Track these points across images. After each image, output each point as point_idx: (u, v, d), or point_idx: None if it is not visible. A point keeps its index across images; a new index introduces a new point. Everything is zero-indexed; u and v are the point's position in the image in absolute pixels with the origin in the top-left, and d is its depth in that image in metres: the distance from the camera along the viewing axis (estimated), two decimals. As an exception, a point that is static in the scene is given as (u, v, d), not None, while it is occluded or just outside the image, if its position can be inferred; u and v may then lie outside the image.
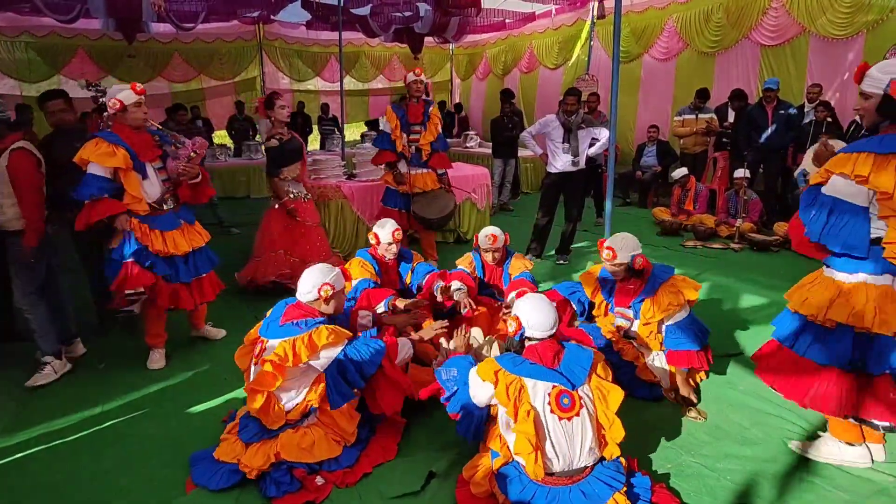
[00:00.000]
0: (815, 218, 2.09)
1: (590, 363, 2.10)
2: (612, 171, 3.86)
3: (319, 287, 2.38)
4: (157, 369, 3.31)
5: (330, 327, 2.32)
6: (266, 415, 2.30)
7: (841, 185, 2.02)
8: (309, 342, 2.24)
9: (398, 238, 3.43)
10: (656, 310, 2.72)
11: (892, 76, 1.95)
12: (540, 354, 2.08)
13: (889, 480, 2.21)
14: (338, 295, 2.47)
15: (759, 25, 7.39)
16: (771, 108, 6.10)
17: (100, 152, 2.91)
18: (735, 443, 2.49)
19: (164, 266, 3.14)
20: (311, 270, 2.45)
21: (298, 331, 2.28)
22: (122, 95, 3.00)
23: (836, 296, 2.09)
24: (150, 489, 2.27)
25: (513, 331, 2.14)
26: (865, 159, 1.95)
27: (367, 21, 9.58)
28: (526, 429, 1.94)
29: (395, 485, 2.23)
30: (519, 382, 2.00)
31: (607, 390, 2.09)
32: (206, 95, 11.33)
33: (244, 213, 7.67)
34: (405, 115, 4.65)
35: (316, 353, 2.27)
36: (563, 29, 10.40)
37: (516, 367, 2.04)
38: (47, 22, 8.77)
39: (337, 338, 2.31)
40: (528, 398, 1.98)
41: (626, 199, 8.09)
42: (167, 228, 3.16)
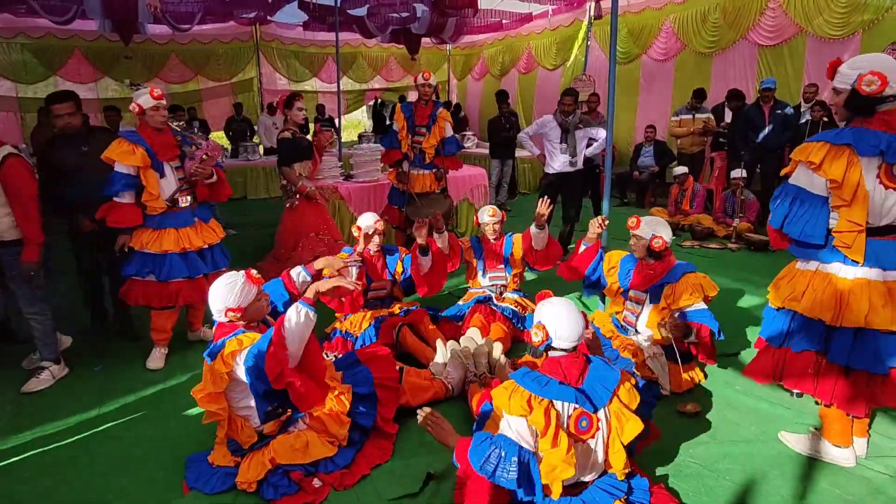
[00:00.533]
0: (779, 206, 2.16)
1: (615, 385, 1.94)
2: (609, 172, 3.86)
3: (224, 312, 2.22)
4: (155, 369, 3.31)
5: (239, 337, 2.14)
6: (237, 435, 2.27)
7: (802, 175, 2.10)
8: (221, 358, 2.14)
9: (380, 229, 3.53)
10: (677, 296, 2.81)
11: (859, 71, 1.97)
12: (564, 370, 1.93)
13: (885, 479, 2.21)
14: (250, 308, 2.26)
15: (756, 26, 7.42)
16: (768, 108, 6.12)
17: (121, 151, 3.07)
18: (733, 442, 2.49)
19: (182, 266, 3.24)
20: (213, 290, 2.25)
21: (217, 350, 2.17)
22: (141, 100, 3.14)
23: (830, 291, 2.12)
24: (147, 491, 2.26)
25: (539, 340, 1.96)
26: (820, 148, 2.01)
27: (364, 22, 9.58)
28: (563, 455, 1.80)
29: (393, 486, 2.22)
30: (551, 405, 1.85)
31: (626, 419, 1.91)
32: (203, 97, 11.32)
33: (241, 214, 7.67)
34: (412, 116, 4.64)
35: (229, 363, 2.12)
36: (561, 29, 10.41)
37: (544, 389, 1.86)
38: (43, 23, 8.75)
39: (246, 342, 2.13)
40: (560, 422, 1.85)
41: (624, 199, 8.10)
42: (181, 225, 3.27)
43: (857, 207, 1.97)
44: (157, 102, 3.14)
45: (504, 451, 1.82)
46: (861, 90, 1.96)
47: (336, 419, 2.37)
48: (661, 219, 3.03)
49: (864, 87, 1.95)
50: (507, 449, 1.82)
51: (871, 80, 1.93)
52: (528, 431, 1.86)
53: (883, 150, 1.93)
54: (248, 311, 2.26)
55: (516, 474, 1.78)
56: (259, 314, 2.33)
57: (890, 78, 1.93)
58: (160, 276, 3.20)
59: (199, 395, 2.22)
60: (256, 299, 2.29)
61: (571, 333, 1.95)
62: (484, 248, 3.77)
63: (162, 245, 3.18)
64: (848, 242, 2.01)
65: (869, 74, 1.94)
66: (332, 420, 2.36)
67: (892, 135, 1.94)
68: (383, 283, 3.59)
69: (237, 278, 2.25)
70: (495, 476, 1.79)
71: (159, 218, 3.21)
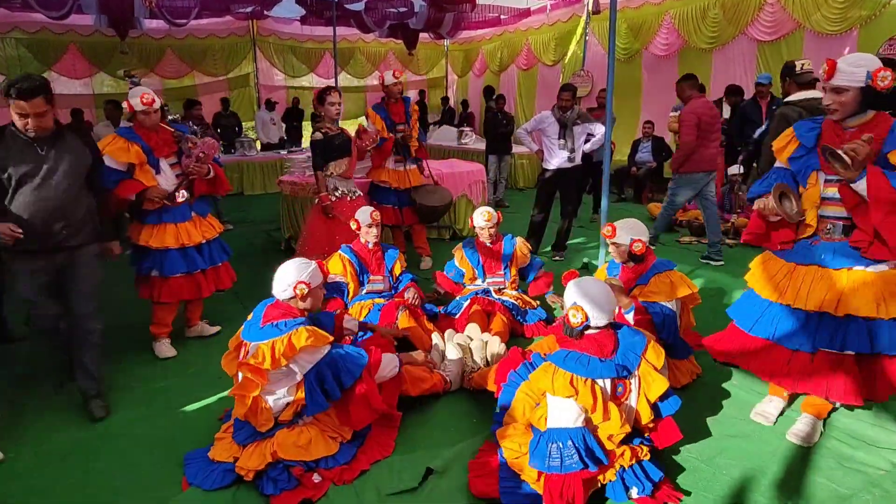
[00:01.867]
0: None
1: (642, 349, 2.09)
2: (607, 168, 3.87)
3: (294, 285, 2.35)
4: (170, 356, 3.38)
5: (310, 329, 2.26)
6: (254, 417, 2.28)
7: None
8: (288, 344, 2.19)
9: (377, 220, 3.55)
10: (645, 293, 2.78)
11: (867, 68, 2.02)
12: (600, 345, 2.05)
13: (881, 474, 2.23)
14: (314, 291, 2.43)
15: (755, 21, 7.42)
16: (765, 104, 6.11)
17: (114, 147, 3.08)
18: (731, 437, 2.50)
19: (181, 261, 3.26)
20: (285, 267, 2.42)
21: (278, 332, 2.23)
22: (133, 101, 3.15)
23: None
24: (145, 489, 2.26)
25: (578, 321, 2.04)
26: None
27: (362, 16, 9.53)
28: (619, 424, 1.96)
29: (393, 481, 2.23)
30: (593, 383, 1.98)
31: (652, 378, 2.08)
32: (200, 92, 11.24)
33: (239, 210, 7.65)
34: (388, 116, 4.70)
35: (295, 355, 2.21)
36: (559, 25, 10.38)
37: (588, 369, 1.98)
38: (38, 18, 8.70)
39: (316, 340, 2.24)
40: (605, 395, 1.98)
41: (622, 195, 8.10)
42: (179, 220, 3.28)
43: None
44: (145, 108, 3.13)
45: (560, 442, 1.95)
46: (877, 86, 2.02)
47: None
48: (634, 220, 2.94)
49: (879, 82, 2.01)
50: (560, 439, 1.96)
51: (885, 75, 2.00)
52: (577, 407, 1.97)
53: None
54: (313, 292, 2.42)
55: (580, 454, 1.92)
56: (318, 302, 2.50)
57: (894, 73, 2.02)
58: (163, 272, 3.24)
59: (248, 366, 2.22)
60: (320, 287, 2.49)
61: (608, 311, 2.07)
62: (480, 252, 3.72)
63: (163, 241, 3.20)
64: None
65: (881, 71, 2.00)
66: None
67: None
68: (379, 278, 3.60)
69: (310, 262, 2.48)
70: (564, 466, 1.92)
71: (158, 213, 3.22)
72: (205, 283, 3.40)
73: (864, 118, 2.13)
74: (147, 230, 3.21)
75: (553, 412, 2.03)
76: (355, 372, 2.31)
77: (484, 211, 3.63)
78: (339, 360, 2.30)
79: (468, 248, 3.75)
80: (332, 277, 3.47)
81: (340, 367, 2.29)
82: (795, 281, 2.26)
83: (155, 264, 3.24)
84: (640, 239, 2.82)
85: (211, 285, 3.44)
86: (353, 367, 2.31)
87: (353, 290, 3.52)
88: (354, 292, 3.52)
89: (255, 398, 2.27)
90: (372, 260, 3.58)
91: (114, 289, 4.59)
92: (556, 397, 2.00)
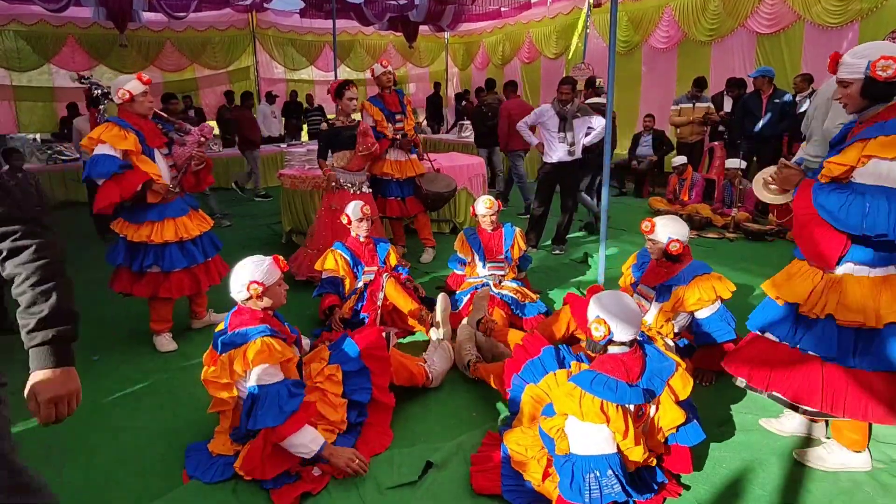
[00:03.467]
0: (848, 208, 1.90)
1: (669, 375, 2.01)
2: (607, 161, 3.85)
3: (247, 285, 2.24)
4: (172, 350, 3.38)
5: (266, 341, 2.16)
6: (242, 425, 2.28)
7: (884, 172, 1.88)
8: (242, 357, 2.14)
9: (367, 214, 3.56)
10: (685, 300, 2.75)
11: (868, 59, 1.93)
12: (627, 368, 1.95)
13: (880, 467, 2.23)
14: (272, 289, 2.31)
15: (754, 13, 7.37)
16: (766, 97, 6.09)
17: (111, 134, 2.99)
18: (730, 431, 2.50)
19: (181, 256, 3.23)
20: (240, 267, 2.30)
21: (237, 343, 2.18)
22: (129, 86, 3.07)
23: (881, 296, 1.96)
24: (146, 481, 2.27)
25: (601, 335, 1.97)
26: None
27: (362, 9, 9.49)
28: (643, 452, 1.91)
29: (393, 475, 2.23)
30: (625, 409, 1.89)
31: (668, 408, 1.99)
32: (200, 85, 11.22)
33: (238, 204, 7.65)
34: (385, 107, 4.70)
35: (248, 366, 2.14)
36: (560, 17, 10.33)
37: (617, 395, 1.87)
38: (36, 10, 8.66)
39: (269, 356, 2.14)
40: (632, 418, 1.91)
41: (622, 188, 8.08)
42: (178, 214, 3.25)
43: None
44: (145, 87, 3.09)
45: (598, 471, 1.84)
46: (877, 76, 1.91)
47: (330, 404, 2.36)
48: (675, 217, 2.92)
49: (879, 72, 1.90)
50: (598, 467, 1.84)
51: (886, 64, 1.89)
52: (609, 435, 1.87)
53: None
54: (270, 290, 2.29)
55: (619, 485, 1.81)
56: (278, 300, 2.36)
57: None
58: (164, 267, 3.21)
59: (209, 382, 2.22)
60: (278, 283, 2.34)
61: (632, 326, 1.97)
62: (481, 239, 3.77)
63: (163, 235, 3.17)
64: None
65: (881, 59, 1.89)
66: (327, 406, 2.36)
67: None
68: (374, 269, 3.61)
69: (263, 259, 2.33)
70: (603, 498, 1.80)
71: (159, 209, 3.17)
72: (203, 276, 3.40)
73: (876, 111, 1.99)
74: (146, 226, 3.16)
75: (579, 437, 1.90)
76: (259, 423, 2.10)
77: (485, 199, 3.71)
78: (262, 402, 2.12)
79: (470, 234, 3.81)
80: (326, 274, 3.51)
81: (258, 406, 2.12)
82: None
83: (157, 260, 3.20)
84: (677, 239, 2.77)
85: (207, 279, 3.43)
86: (263, 417, 2.10)
87: (349, 285, 3.55)
88: (350, 286, 3.54)
89: (236, 407, 2.27)
90: (364, 252, 3.60)
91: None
92: (587, 424, 1.88)
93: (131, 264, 3.20)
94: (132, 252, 3.20)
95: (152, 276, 3.24)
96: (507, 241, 3.75)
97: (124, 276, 3.27)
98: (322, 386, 2.40)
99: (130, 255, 3.20)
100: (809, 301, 2.08)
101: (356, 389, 2.44)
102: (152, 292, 3.25)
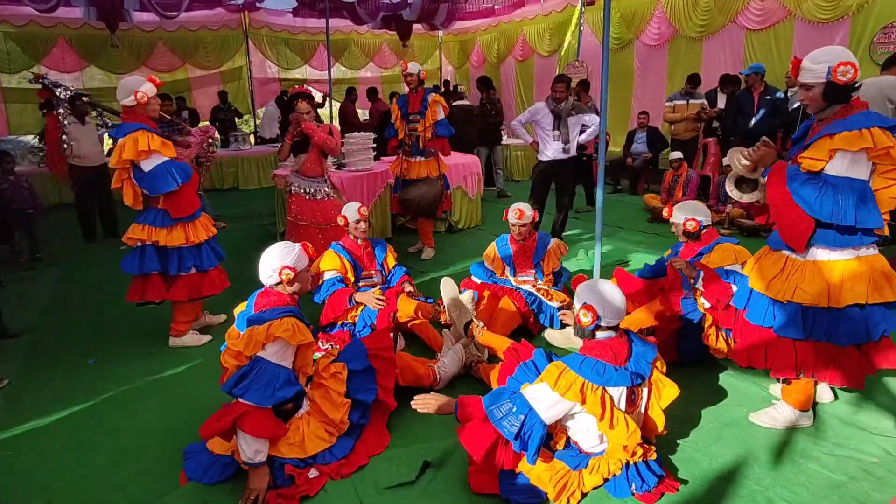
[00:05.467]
0: (823, 199, 2.07)
1: (653, 358, 2.13)
2: (602, 159, 3.85)
3: (279, 270, 2.30)
4: (206, 342, 3.46)
5: (293, 321, 2.20)
6: None
7: (845, 163, 2.07)
8: (266, 331, 2.15)
9: (364, 214, 3.54)
10: (711, 260, 2.96)
11: (828, 64, 2.08)
12: (615, 352, 2.05)
13: (874, 461, 2.26)
14: (301, 275, 2.38)
15: (745, 9, 7.40)
16: (758, 94, 6.12)
17: (158, 142, 3.03)
18: (725, 426, 2.53)
19: (210, 254, 3.29)
20: (269, 252, 2.36)
21: (264, 319, 2.20)
22: (145, 88, 3.08)
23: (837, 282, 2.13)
24: (144, 483, 2.27)
25: (588, 321, 2.06)
26: (881, 133, 2.03)
27: (355, 8, 9.45)
28: (625, 435, 1.97)
29: (390, 475, 2.24)
30: (605, 392, 1.99)
31: (663, 385, 2.15)
32: (193, 85, 11.13)
33: (234, 205, 7.61)
34: (405, 106, 4.85)
35: (272, 340, 2.15)
36: (553, 15, 10.32)
37: (603, 378, 1.98)
38: (26, 11, 8.56)
39: (294, 335, 2.17)
40: (615, 404, 2.00)
41: (617, 185, 8.10)
42: (198, 216, 3.28)
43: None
44: (156, 90, 3.14)
45: (516, 407, 1.98)
46: (838, 80, 2.07)
47: (332, 402, 2.36)
48: (694, 203, 3.26)
49: (839, 77, 2.07)
50: (519, 407, 1.98)
51: (845, 69, 2.06)
52: (563, 412, 1.98)
53: None
54: (300, 275, 2.37)
55: (516, 430, 1.95)
56: (305, 285, 2.44)
57: (856, 66, 2.07)
58: (202, 267, 3.25)
59: (228, 350, 2.22)
60: (306, 269, 2.43)
61: (618, 310, 2.07)
62: (513, 248, 3.67)
63: (198, 236, 3.23)
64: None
65: (841, 65, 2.06)
66: (329, 404, 2.35)
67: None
68: (371, 272, 3.59)
69: (293, 245, 2.40)
70: (499, 423, 1.97)
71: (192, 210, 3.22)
72: (218, 279, 3.42)
73: (833, 110, 2.15)
74: (179, 230, 3.16)
75: (536, 392, 2.01)
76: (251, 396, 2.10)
77: (515, 208, 3.56)
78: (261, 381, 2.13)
79: (501, 242, 3.72)
80: (329, 274, 3.43)
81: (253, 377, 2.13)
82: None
83: (195, 260, 3.22)
84: (693, 217, 3.09)
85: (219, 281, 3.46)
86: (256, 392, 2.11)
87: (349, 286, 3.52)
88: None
89: None
90: (363, 255, 3.57)
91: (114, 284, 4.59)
92: (577, 421, 2.04)
93: (167, 269, 3.18)
94: (167, 258, 3.18)
95: (189, 278, 3.24)
96: (539, 254, 3.63)
97: (156, 283, 3.20)
98: (326, 383, 2.40)
99: (164, 261, 3.18)
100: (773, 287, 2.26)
101: (361, 389, 2.44)
102: (191, 294, 3.25)
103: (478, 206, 6.35)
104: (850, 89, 2.10)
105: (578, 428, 2.09)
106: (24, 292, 4.54)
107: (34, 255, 5.37)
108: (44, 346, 3.53)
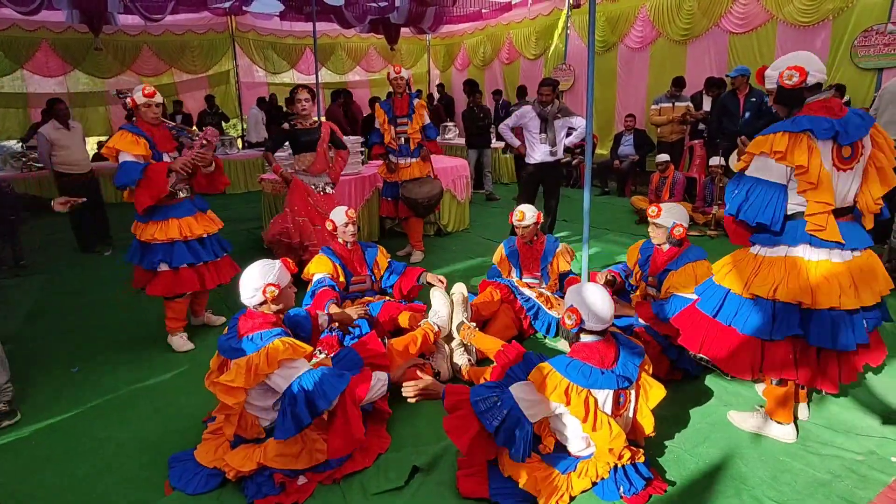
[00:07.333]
0: (736, 196, 2.21)
1: (641, 360, 2.13)
2: (589, 161, 3.86)
3: (262, 289, 2.23)
4: (188, 349, 3.46)
5: (286, 340, 2.18)
6: (245, 432, 2.26)
7: (759, 165, 2.16)
8: (266, 359, 2.12)
9: (352, 217, 3.55)
10: (676, 284, 2.85)
11: (778, 70, 2.16)
12: (601, 355, 2.05)
13: (858, 459, 2.28)
14: (284, 291, 2.32)
15: (728, 13, 7.50)
16: (742, 96, 6.19)
17: (126, 141, 3.19)
18: (712, 426, 2.54)
19: (186, 252, 3.34)
20: (250, 271, 2.28)
21: (254, 346, 2.15)
22: (136, 94, 3.26)
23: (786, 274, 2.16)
24: (128, 493, 2.23)
25: (572, 323, 2.07)
26: (782, 137, 2.08)
27: (342, 11, 9.42)
28: (608, 437, 1.96)
29: (379, 480, 2.23)
30: (590, 395, 1.98)
31: (650, 386, 2.16)
32: (179, 90, 11.05)
33: (223, 209, 7.53)
34: (391, 109, 4.88)
35: (275, 367, 2.13)
36: (540, 19, 10.39)
37: (588, 381, 1.98)
38: (7, 14, 8.45)
39: (293, 352, 2.17)
40: (598, 406, 2.00)
41: (605, 188, 8.16)
42: (183, 215, 3.37)
43: (822, 189, 2.05)
44: (147, 100, 3.25)
45: (501, 402, 2.01)
46: (784, 84, 2.14)
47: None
48: (678, 205, 3.10)
49: (785, 81, 2.13)
50: (504, 402, 2.00)
51: (791, 73, 2.11)
52: (546, 413, 2.01)
53: (837, 133, 2.04)
54: (283, 292, 2.32)
55: (498, 423, 1.98)
56: (289, 302, 2.40)
57: (809, 69, 2.10)
58: (171, 264, 3.31)
59: (219, 386, 2.15)
60: (289, 285, 2.39)
61: (603, 316, 2.06)
62: (520, 251, 3.68)
63: (167, 234, 3.29)
64: (822, 224, 2.07)
65: (787, 70, 2.12)
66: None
67: (838, 119, 2.06)
68: (362, 277, 3.58)
69: (274, 262, 2.35)
70: (482, 415, 1.99)
71: (164, 209, 3.31)
72: (209, 275, 3.49)
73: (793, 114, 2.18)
74: (152, 226, 3.29)
75: (521, 390, 2.04)
76: (331, 396, 2.16)
77: (517, 211, 3.57)
78: (315, 383, 2.16)
79: (508, 244, 3.73)
80: (319, 276, 3.41)
81: (315, 391, 2.14)
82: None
83: (165, 257, 3.30)
84: (681, 224, 2.95)
85: (215, 277, 3.53)
86: (330, 390, 2.17)
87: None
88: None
89: (242, 414, 2.23)
90: (353, 259, 3.56)
91: (98, 291, 4.54)
92: (564, 424, 2.06)
93: (142, 262, 3.33)
94: (144, 251, 3.33)
95: (163, 275, 3.34)
96: (547, 257, 3.61)
97: (140, 275, 3.42)
98: None
99: (142, 254, 3.33)
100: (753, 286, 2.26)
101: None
102: (164, 290, 3.36)
103: (466, 210, 6.36)
104: (799, 93, 2.13)
105: (566, 430, 2.09)
106: (7, 300, 4.47)
107: (17, 262, 5.30)
108: (27, 354, 3.47)
